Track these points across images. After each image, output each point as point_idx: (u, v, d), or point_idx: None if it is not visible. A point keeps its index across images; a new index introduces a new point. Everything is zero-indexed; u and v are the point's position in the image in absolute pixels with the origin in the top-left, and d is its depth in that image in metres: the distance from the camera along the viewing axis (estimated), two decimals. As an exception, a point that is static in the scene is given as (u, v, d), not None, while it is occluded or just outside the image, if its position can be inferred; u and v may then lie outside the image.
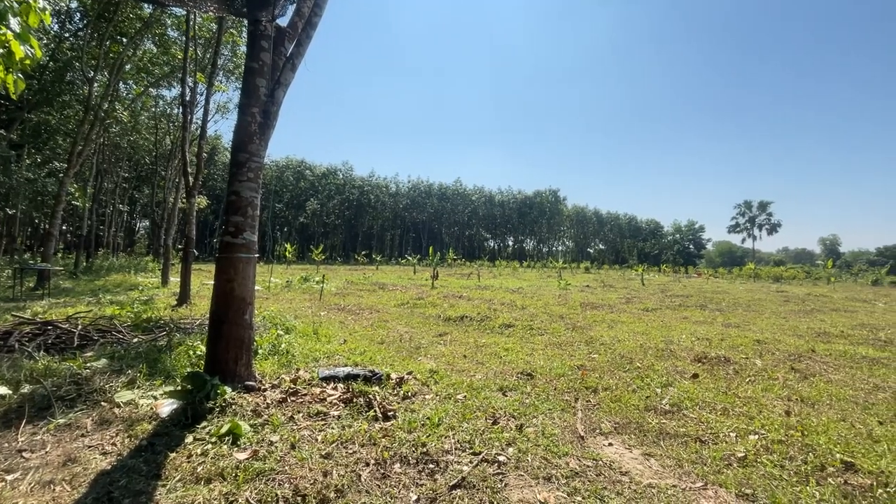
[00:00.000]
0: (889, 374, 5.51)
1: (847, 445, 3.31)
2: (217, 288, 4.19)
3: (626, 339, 7.16)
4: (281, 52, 4.59)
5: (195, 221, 10.75)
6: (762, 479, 2.80)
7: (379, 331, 7.46)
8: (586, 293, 16.34)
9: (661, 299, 14.56)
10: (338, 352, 5.74)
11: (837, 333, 8.44)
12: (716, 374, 5.28)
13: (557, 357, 5.88)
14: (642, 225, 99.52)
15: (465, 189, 77.63)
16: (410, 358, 5.66)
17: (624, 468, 2.90)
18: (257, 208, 4.36)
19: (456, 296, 13.10)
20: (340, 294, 13.52)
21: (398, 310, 10.25)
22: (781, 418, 3.85)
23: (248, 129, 4.27)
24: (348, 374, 4.42)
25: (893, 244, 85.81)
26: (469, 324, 8.56)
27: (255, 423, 3.32)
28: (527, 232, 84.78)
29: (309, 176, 63.23)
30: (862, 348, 7.00)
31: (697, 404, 4.15)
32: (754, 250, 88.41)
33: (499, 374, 4.95)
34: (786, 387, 4.80)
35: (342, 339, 6.57)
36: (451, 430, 3.31)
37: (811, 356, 6.25)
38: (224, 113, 28.26)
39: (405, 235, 74.33)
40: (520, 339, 7.14)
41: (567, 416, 3.80)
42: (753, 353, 6.29)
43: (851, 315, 11.75)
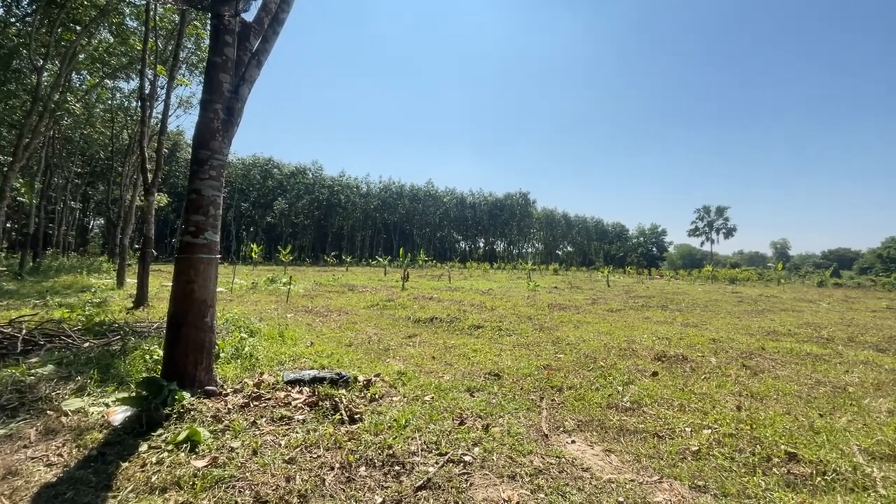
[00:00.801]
0: (829, 369, 5.90)
1: (791, 437, 3.52)
2: (176, 289, 4.04)
3: (591, 339, 7.36)
4: (246, 48, 4.48)
5: (154, 220, 10.30)
6: (714, 471, 2.95)
7: (347, 333, 7.37)
8: (554, 294, 16.68)
9: (625, 300, 15.04)
10: (304, 355, 5.64)
11: (785, 332, 8.96)
12: (674, 371, 5.50)
13: (525, 357, 5.98)
14: (608, 228, 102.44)
15: (437, 191, 77.73)
16: (379, 360, 5.62)
17: (585, 464, 2.98)
18: (220, 207, 4.24)
19: (426, 297, 13.09)
20: (308, 296, 13.27)
21: (368, 311, 10.16)
22: (733, 413, 4.05)
23: (210, 125, 4.14)
24: (314, 377, 4.35)
25: (836, 248, 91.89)
26: (439, 325, 8.57)
27: (215, 430, 3.21)
28: (497, 234, 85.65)
29: (277, 175, 61.65)
30: (807, 346, 7.46)
31: (656, 401, 4.32)
32: (712, 253, 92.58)
33: (467, 375, 4.99)
34: (737, 383, 5.06)
35: (309, 341, 6.45)
36: (418, 432, 3.31)
37: (761, 354, 6.61)
38: (187, 108, 27.22)
39: (376, 236, 73.65)
40: (489, 340, 7.22)
41: (532, 415, 3.87)
42: (709, 352, 6.59)
43: (798, 315, 12.50)
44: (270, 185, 60.08)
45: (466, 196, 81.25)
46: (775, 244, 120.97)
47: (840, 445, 3.39)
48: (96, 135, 29.83)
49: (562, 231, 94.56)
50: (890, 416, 4.10)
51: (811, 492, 2.74)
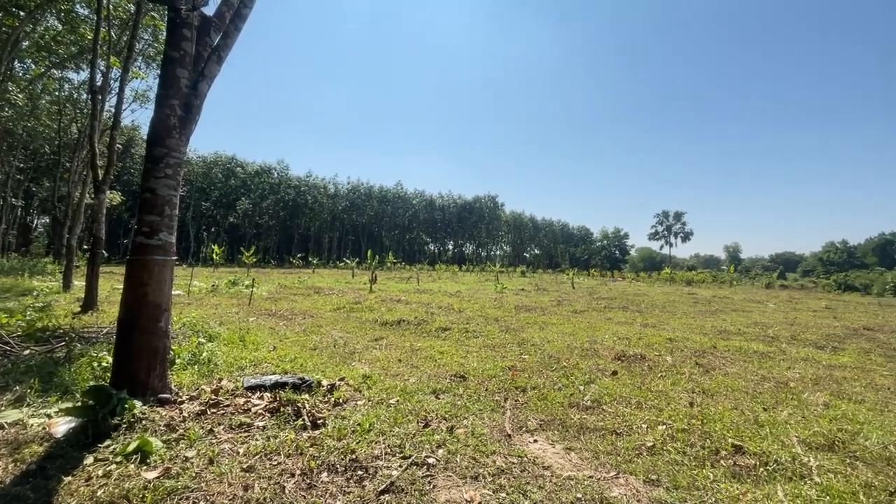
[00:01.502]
0: (774, 366, 6.29)
1: (738, 431, 3.73)
2: (128, 293, 3.85)
3: (556, 339, 7.53)
4: (206, 43, 4.34)
5: (106, 219, 9.75)
6: (667, 465, 3.08)
7: (312, 336, 7.23)
8: (521, 296, 16.95)
9: (589, 301, 15.47)
10: (266, 359, 5.49)
11: (735, 331, 9.47)
12: (633, 370, 5.71)
13: (490, 359, 6.05)
14: (574, 231, 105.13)
15: (406, 192, 77.46)
16: (344, 364, 5.54)
17: (546, 463, 3.05)
18: (176, 207, 4.07)
19: (394, 299, 13.02)
20: (272, 298, 12.91)
21: (334, 314, 10.00)
22: (686, 409, 4.25)
23: (166, 122, 3.98)
24: (276, 382, 4.24)
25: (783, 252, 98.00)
26: (406, 328, 8.54)
27: (168, 439, 3.08)
28: (466, 236, 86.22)
29: (240, 174, 59.66)
30: (754, 344, 7.91)
31: (615, 399, 4.47)
32: (671, 256, 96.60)
33: (433, 378, 4.99)
34: (691, 380, 5.31)
35: (272, 345, 6.28)
36: (382, 436, 3.29)
37: (713, 352, 6.96)
38: (143, 102, 25.87)
39: (344, 238, 72.54)
40: (455, 342, 7.25)
41: (496, 415, 3.92)
42: (665, 351, 6.88)
43: (747, 315, 13.23)
44: (233, 184, 58.07)
45: (436, 198, 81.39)
46: (728, 248, 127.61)
47: (781, 437, 3.62)
48: (41, 128, 27.92)
49: (529, 234, 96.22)
50: (826, 409, 4.41)
51: (754, 482, 2.91)
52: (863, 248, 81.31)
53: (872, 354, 7.52)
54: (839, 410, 4.35)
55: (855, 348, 8.02)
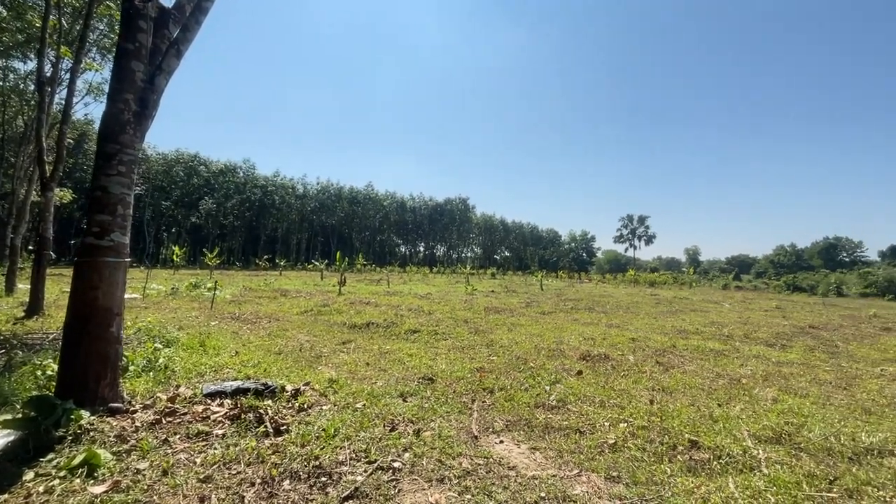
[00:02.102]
0: (728, 363, 6.59)
1: (694, 426, 3.88)
2: (76, 296, 3.63)
3: (523, 340, 7.64)
4: (164, 36, 4.16)
5: (55, 218, 9.19)
6: (627, 461, 3.18)
7: (277, 340, 7.04)
8: (491, 298, 17.10)
9: (557, 303, 15.78)
10: (228, 365, 5.30)
11: (694, 331, 9.88)
12: (597, 370, 5.86)
13: (459, 361, 6.06)
14: (543, 234, 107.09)
15: (377, 194, 76.74)
16: (310, 368, 5.42)
17: (512, 463, 3.08)
18: (130, 207, 3.88)
19: (363, 302, 12.86)
20: (236, 302, 12.50)
21: (300, 318, 9.78)
22: (646, 406, 4.39)
23: (119, 117, 3.79)
24: (237, 388, 4.11)
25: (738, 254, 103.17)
26: (375, 330, 8.46)
27: (119, 451, 2.92)
28: (437, 238, 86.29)
29: (204, 172, 57.49)
30: (710, 343, 8.28)
31: (580, 399, 4.57)
32: (635, 258, 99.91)
33: (401, 381, 4.96)
34: (651, 379, 5.50)
35: (234, 350, 6.08)
36: (347, 441, 3.24)
37: (672, 351, 7.23)
38: (98, 95, 24.56)
39: (313, 239, 71.12)
40: (424, 345, 7.24)
41: (464, 417, 3.94)
42: (628, 350, 7.10)
43: (705, 314, 13.84)
44: (196, 183, 55.91)
45: (407, 200, 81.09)
46: (688, 250, 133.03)
47: (734, 431, 3.79)
48: (-18, 119, 26.04)
49: (500, 236, 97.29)
50: (774, 404, 4.66)
51: (708, 475, 3.04)
52: (809, 251, 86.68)
53: (816, 351, 8.01)
54: (786, 405, 4.61)
55: (801, 346, 8.52)
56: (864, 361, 7.25)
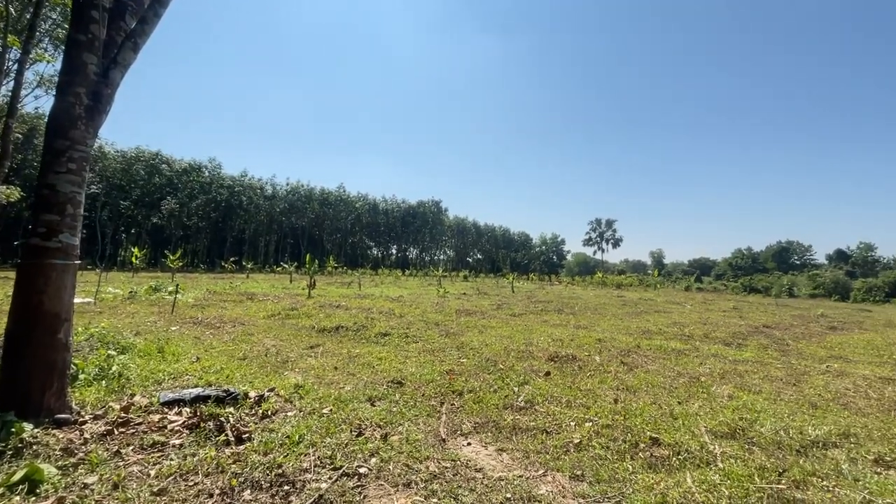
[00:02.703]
0: (688, 362, 6.85)
1: (655, 424, 4.01)
2: (19, 301, 3.41)
3: (494, 342, 7.70)
4: (120, 28, 3.98)
5: (0, 217, 8.59)
6: (591, 460, 3.24)
7: (242, 345, 6.83)
8: (462, 300, 17.16)
9: (527, 305, 15.99)
10: (188, 371, 5.10)
11: (657, 331, 10.22)
12: (564, 370, 5.97)
13: (429, 363, 6.05)
14: (515, 237, 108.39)
15: (349, 195, 75.64)
16: (276, 373, 5.29)
17: (479, 465, 3.09)
18: (80, 206, 3.68)
19: (333, 305, 12.65)
20: (199, 306, 12.04)
21: (267, 322, 9.52)
22: (611, 406, 4.51)
23: (70, 111, 3.59)
24: (197, 395, 3.95)
25: (699, 257, 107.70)
26: (344, 334, 8.33)
27: (64, 465, 2.76)
28: (410, 241, 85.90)
29: (166, 171, 55.13)
30: (672, 342, 8.58)
31: (547, 399, 4.64)
32: (603, 261, 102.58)
33: (369, 384, 4.90)
34: (616, 378, 5.64)
35: (195, 356, 5.85)
36: (312, 447, 3.17)
37: (637, 351, 7.45)
38: (50, 88, 23.23)
39: (282, 241, 69.39)
40: (395, 348, 7.18)
41: (432, 420, 3.92)
42: (595, 351, 7.26)
43: (668, 315, 14.35)
44: (158, 182, 53.56)
45: (379, 202, 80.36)
46: (653, 254, 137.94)
47: (692, 428, 3.94)
48: (-83, 111, 24.14)
49: (472, 239, 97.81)
50: (730, 400, 4.87)
51: (668, 471, 3.14)
52: (764, 254, 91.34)
53: (769, 349, 8.44)
54: (741, 401, 4.82)
55: (755, 344, 8.96)
56: (812, 359, 7.69)
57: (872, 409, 4.85)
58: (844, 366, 7.12)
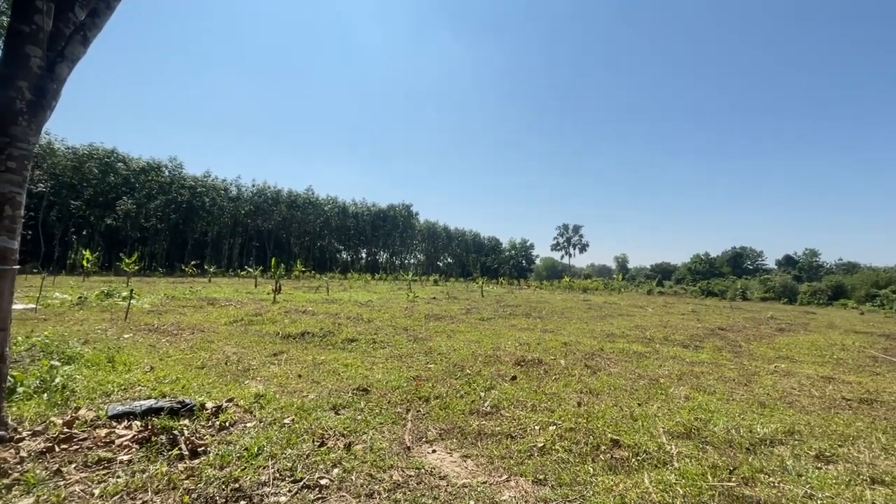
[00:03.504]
0: (649, 364, 7.08)
1: (616, 426, 4.12)
2: (-53, 310, 3.15)
3: (462, 347, 7.71)
4: (69, 20, 3.76)
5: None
6: (554, 464, 3.29)
7: (200, 353, 6.56)
8: (432, 305, 17.13)
9: (496, 309, 16.13)
10: (141, 382, 4.85)
11: (620, 334, 10.52)
12: (530, 374, 6.05)
13: (396, 370, 5.99)
14: (485, 241, 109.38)
15: (318, 198, 74.22)
16: (235, 382, 5.10)
17: (443, 472, 3.08)
18: (21, 207, 3.44)
19: (299, 311, 12.35)
20: (156, 312, 11.49)
21: (229, 328, 9.19)
22: (574, 409, 4.60)
23: (10, 106, 3.36)
24: (149, 407, 3.76)
25: (661, 262, 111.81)
26: (310, 340, 8.14)
27: (-4, 486, 2.56)
28: (380, 244, 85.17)
29: (122, 170, 52.42)
30: (634, 345, 8.86)
31: (513, 404, 4.68)
32: (570, 265, 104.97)
33: (334, 392, 4.81)
34: (580, 381, 5.77)
35: (149, 365, 5.57)
36: (272, 459, 3.07)
37: (600, 354, 7.64)
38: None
39: (247, 244, 67.31)
40: (362, 354, 7.08)
41: (397, 428, 3.88)
42: (560, 355, 7.40)
43: (631, 318, 14.81)
44: (113, 181, 50.87)
45: (349, 205, 79.30)
46: (618, 258, 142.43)
47: (651, 429, 4.07)
48: None
49: (443, 243, 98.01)
50: (686, 401, 5.06)
51: (627, 472, 3.23)
52: (720, 259, 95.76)
53: (723, 351, 8.84)
54: (696, 402, 5.03)
55: (711, 346, 9.37)
56: (762, 359, 8.12)
57: (815, 406, 5.15)
58: (791, 366, 7.55)
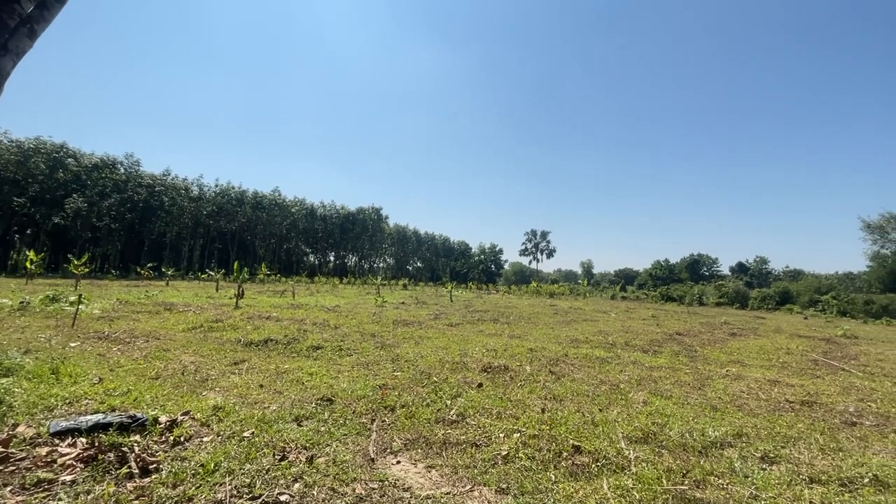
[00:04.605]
0: (611, 370, 7.30)
1: (578, 432, 4.22)
2: None
3: (429, 354, 7.71)
4: (14, 11, 3.53)
5: None
6: (517, 472, 3.34)
7: (155, 363, 6.26)
8: (401, 310, 17.04)
9: (464, 314, 16.22)
10: (88, 395, 4.57)
11: (584, 339, 10.80)
12: (497, 381, 6.11)
13: (362, 378, 5.92)
14: (455, 246, 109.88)
15: (285, 199, 72.40)
16: (193, 394, 4.90)
17: (407, 484, 3.07)
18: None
19: (263, 316, 12.01)
20: (107, 318, 10.88)
21: (187, 335, 8.81)
22: (538, 415, 4.68)
23: (-56, 101, 3.13)
24: (97, 423, 3.56)
25: (624, 268, 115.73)
26: (273, 348, 7.93)
27: (-81, 515, 2.36)
28: (349, 248, 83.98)
29: (73, 166, 49.38)
30: (597, 350, 9.11)
31: (478, 411, 4.72)
32: (538, 270, 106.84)
33: (297, 403, 4.69)
34: (545, 387, 5.88)
35: (97, 377, 5.27)
36: (230, 475, 2.97)
37: (565, 360, 7.82)
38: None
39: (209, 246, 64.81)
40: (327, 362, 6.96)
41: (362, 439, 3.84)
42: (526, 361, 7.52)
43: (594, 324, 15.23)
44: (62, 177, 47.86)
45: (317, 207, 77.83)
46: (583, 264, 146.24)
47: (610, 434, 4.19)
48: None
49: (412, 247, 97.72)
50: (644, 406, 5.25)
51: (587, 478, 3.32)
52: (679, 265, 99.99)
53: (680, 355, 9.23)
54: (654, 406, 5.22)
55: (669, 351, 9.76)
56: (715, 363, 8.52)
57: (761, 409, 5.46)
58: (741, 370, 7.97)
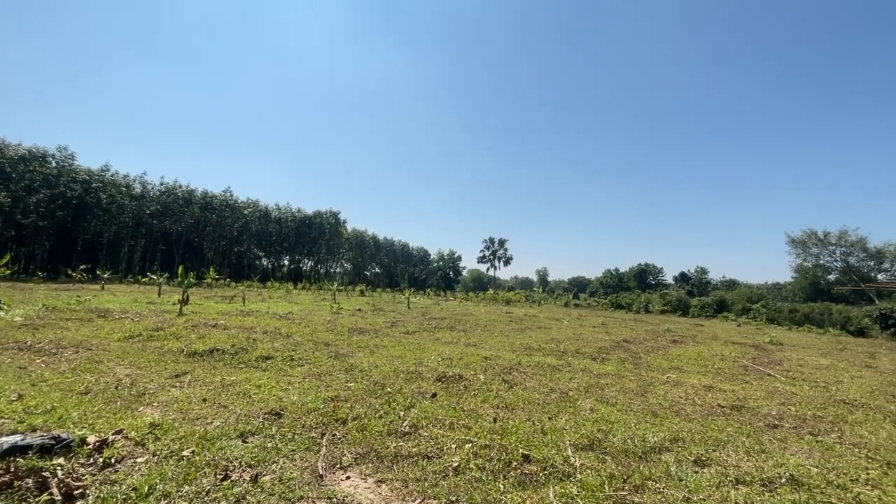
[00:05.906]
0: (562, 377, 7.53)
1: (528, 441, 4.32)
2: None
3: (384, 364, 7.64)
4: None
5: None
6: (467, 483, 3.38)
7: (85, 376, 5.81)
8: (357, 317, 16.76)
9: (421, 322, 16.19)
10: (5, 413, 4.18)
11: (537, 347, 11.08)
12: (451, 391, 6.15)
13: (313, 389, 5.77)
14: (414, 252, 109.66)
15: (237, 201, 69.40)
16: (127, 410, 4.59)
17: (356, 500, 3.03)
18: None
19: (209, 324, 11.42)
20: (30, 326, 9.95)
21: (123, 345, 8.24)
22: (490, 425, 4.75)
23: None
24: (14, 445, 3.26)
25: (577, 276, 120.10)
26: (220, 358, 7.57)
27: None
28: (305, 252, 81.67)
29: (-6, 158, 45.12)
30: (549, 358, 9.38)
31: (431, 422, 4.73)
32: (495, 277, 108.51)
33: (243, 418, 4.51)
34: (497, 396, 5.98)
35: (16, 393, 4.82)
36: (165, 499, 2.82)
37: (518, 368, 7.99)
38: None
39: (152, 248, 60.85)
40: (277, 373, 6.73)
41: (311, 454, 3.75)
42: (480, 370, 7.62)
43: (547, 331, 15.66)
44: (-19, 169, 43.51)
45: (271, 209, 75.20)
46: (539, 271, 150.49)
47: (558, 442, 4.33)
48: None
49: (371, 253, 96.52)
50: (591, 413, 5.46)
51: (535, 487, 3.41)
52: (627, 274, 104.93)
53: (626, 362, 9.67)
54: (600, 413, 5.44)
55: (616, 358, 10.20)
56: (657, 370, 9.00)
57: (697, 414, 5.82)
58: (680, 376, 8.46)
